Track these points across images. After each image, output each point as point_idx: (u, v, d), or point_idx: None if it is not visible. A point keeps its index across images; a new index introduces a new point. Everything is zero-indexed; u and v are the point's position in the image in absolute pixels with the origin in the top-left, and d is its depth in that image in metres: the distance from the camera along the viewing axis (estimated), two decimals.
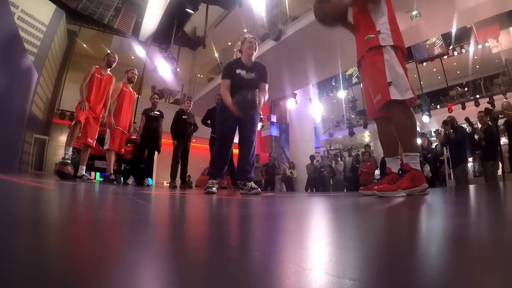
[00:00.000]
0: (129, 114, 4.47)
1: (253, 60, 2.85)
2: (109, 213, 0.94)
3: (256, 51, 2.86)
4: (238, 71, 2.78)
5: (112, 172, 4.17)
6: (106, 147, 4.10)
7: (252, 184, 2.72)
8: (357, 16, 2.06)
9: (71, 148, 3.72)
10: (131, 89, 4.46)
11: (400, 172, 1.83)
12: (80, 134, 3.84)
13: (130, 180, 4.89)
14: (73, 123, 3.79)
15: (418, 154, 1.81)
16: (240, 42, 2.90)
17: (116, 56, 4.16)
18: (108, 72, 4.07)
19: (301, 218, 0.95)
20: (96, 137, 4.05)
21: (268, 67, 2.96)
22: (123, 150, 4.45)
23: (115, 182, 4.10)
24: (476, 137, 5.30)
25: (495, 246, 0.44)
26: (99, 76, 3.93)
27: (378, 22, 1.89)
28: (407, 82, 1.79)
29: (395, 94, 1.76)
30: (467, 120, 5.53)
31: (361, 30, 1.99)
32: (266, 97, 2.79)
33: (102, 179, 5.28)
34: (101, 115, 4.02)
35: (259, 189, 2.74)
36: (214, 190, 2.62)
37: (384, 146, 2.15)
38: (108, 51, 4.27)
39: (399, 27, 1.96)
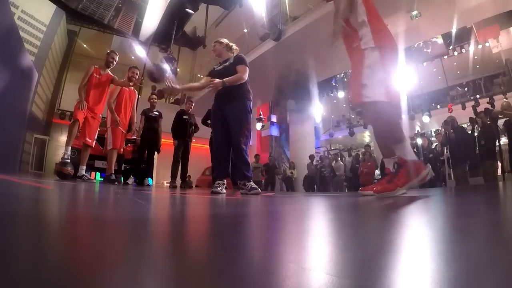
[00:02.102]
0: (129, 114, 4.46)
1: (228, 56, 2.98)
2: (108, 213, 0.94)
3: (219, 50, 2.98)
4: (215, 67, 2.99)
5: (113, 172, 4.16)
6: (109, 146, 4.08)
7: (252, 184, 2.71)
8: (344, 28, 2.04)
9: (70, 148, 3.71)
10: (131, 88, 4.45)
11: (395, 168, 1.78)
12: (79, 134, 3.83)
13: (130, 180, 4.89)
14: (71, 121, 3.80)
15: (405, 140, 1.73)
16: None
17: (116, 56, 4.12)
18: (108, 71, 4.05)
19: (301, 218, 0.96)
20: (95, 137, 4.05)
21: (268, 67, 2.99)
22: (122, 150, 4.43)
23: (116, 182, 4.10)
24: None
25: (495, 246, 0.44)
26: (97, 76, 3.92)
27: (360, 27, 1.85)
28: (385, 85, 1.73)
29: (365, 97, 1.75)
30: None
31: (347, 41, 1.98)
32: (241, 76, 2.79)
33: (102, 179, 5.28)
34: (100, 115, 4.01)
35: (259, 189, 2.73)
36: (219, 191, 2.60)
37: (381, 147, 2.11)
38: (109, 50, 4.22)
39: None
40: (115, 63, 4.09)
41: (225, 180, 2.85)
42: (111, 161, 4.11)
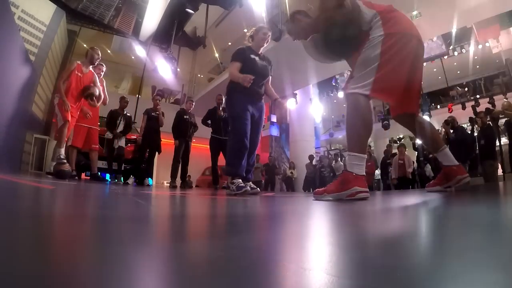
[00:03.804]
0: (96, 109, 4.19)
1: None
2: (108, 213, 0.94)
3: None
4: (252, 56, 2.69)
5: (75, 168, 3.99)
6: (69, 143, 3.92)
7: (251, 184, 2.69)
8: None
9: (63, 149, 3.65)
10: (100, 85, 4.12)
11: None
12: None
13: (131, 180, 4.89)
14: (61, 123, 3.62)
15: (360, 155, 1.54)
16: (254, 29, 2.78)
17: (99, 51, 3.93)
18: (90, 69, 3.89)
19: (301, 218, 0.95)
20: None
21: None
22: (94, 146, 4.21)
23: (76, 178, 3.98)
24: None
25: (495, 246, 0.44)
26: (79, 74, 3.72)
27: (371, 26, 1.63)
28: (371, 78, 1.51)
29: (348, 87, 1.60)
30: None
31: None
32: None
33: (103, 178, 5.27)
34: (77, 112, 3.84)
35: (258, 188, 2.71)
36: (249, 189, 2.49)
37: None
38: (90, 47, 4.01)
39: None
40: (99, 59, 3.93)
41: (225, 181, 2.86)
42: (72, 159, 3.93)
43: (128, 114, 5.17)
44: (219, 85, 9.89)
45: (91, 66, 3.91)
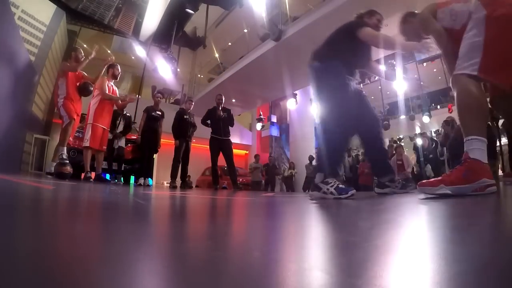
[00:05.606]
0: (111, 112, 4.33)
1: None
2: (108, 213, 0.94)
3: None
4: None
5: (89, 170, 4.00)
6: (86, 144, 3.94)
7: (400, 180, 2.20)
8: None
9: (65, 148, 3.66)
10: (112, 85, 4.31)
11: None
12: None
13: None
14: (67, 122, 3.69)
15: (478, 138, 1.28)
16: (367, 11, 2.32)
17: (82, 50, 4.10)
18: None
19: (301, 219, 0.95)
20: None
21: (268, 68, 2.90)
22: (104, 147, 4.26)
23: (91, 180, 4.00)
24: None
25: (495, 246, 0.44)
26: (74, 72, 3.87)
27: None
28: (477, 57, 1.37)
29: (456, 69, 1.49)
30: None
31: None
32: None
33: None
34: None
35: (412, 185, 2.15)
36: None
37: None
38: (75, 47, 4.19)
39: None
40: (83, 57, 4.04)
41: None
42: (86, 160, 3.95)
43: (128, 114, 5.16)
44: (219, 85, 9.88)
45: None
